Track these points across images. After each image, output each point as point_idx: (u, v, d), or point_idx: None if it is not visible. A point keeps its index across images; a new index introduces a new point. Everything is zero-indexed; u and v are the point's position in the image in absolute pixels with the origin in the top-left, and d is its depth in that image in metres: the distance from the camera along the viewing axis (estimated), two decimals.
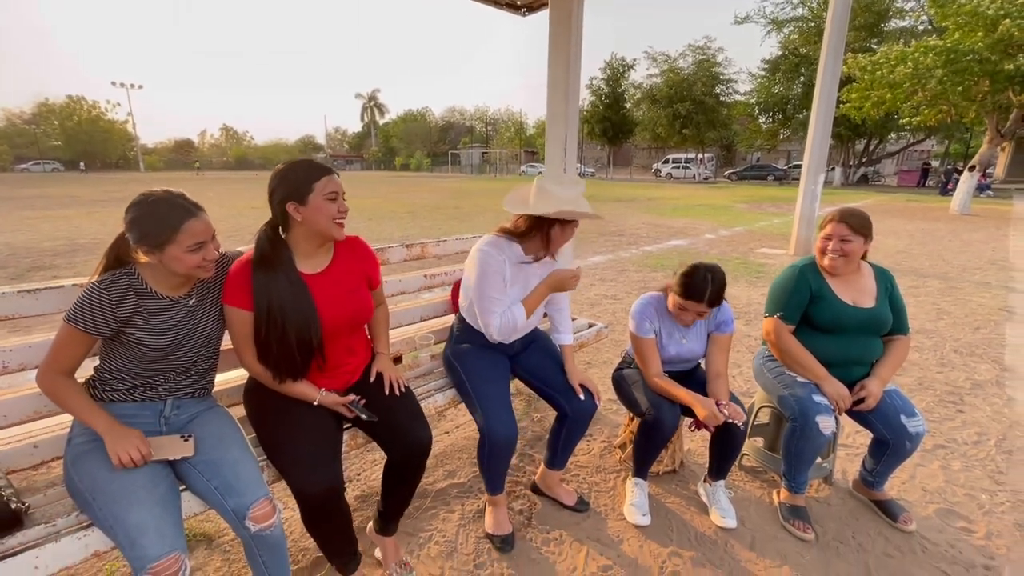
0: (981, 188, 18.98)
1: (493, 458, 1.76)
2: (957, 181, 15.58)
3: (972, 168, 13.95)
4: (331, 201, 1.45)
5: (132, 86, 51.19)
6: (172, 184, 1.37)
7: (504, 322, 1.77)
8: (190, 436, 1.33)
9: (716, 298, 1.81)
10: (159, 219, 1.23)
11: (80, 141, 55.45)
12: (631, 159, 53.24)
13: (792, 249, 7.84)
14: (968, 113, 14.67)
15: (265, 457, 1.45)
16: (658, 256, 7.59)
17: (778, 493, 2.05)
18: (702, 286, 1.79)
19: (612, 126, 40.30)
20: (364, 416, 1.53)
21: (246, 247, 1.53)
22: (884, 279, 1.96)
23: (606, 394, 2.94)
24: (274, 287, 1.42)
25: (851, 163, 31.99)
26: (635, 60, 40.97)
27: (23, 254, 7.28)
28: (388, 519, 1.70)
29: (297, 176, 1.43)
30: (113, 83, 51.96)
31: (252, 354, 1.46)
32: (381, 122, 79.29)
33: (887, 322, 1.92)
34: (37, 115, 56.97)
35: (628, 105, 39.74)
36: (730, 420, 1.76)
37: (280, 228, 1.49)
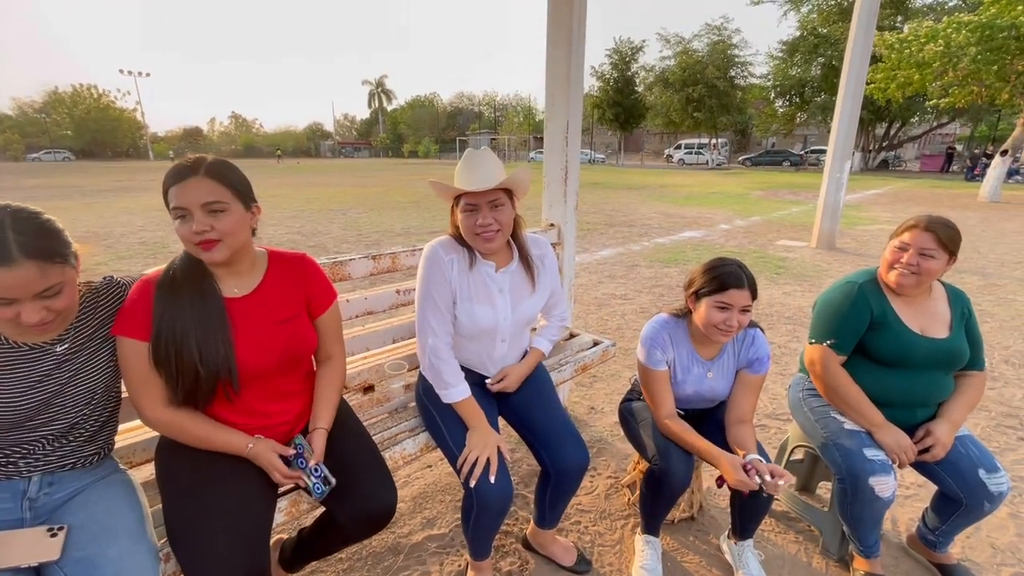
0: (1010, 173, 18.12)
1: (481, 523, 1.44)
2: (985, 166, 14.84)
3: (1004, 152, 13.22)
4: (181, 220, 1.08)
5: (140, 74, 50.99)
6: None
7: (433, 358, 1.50)
8: (60, 529, 1.01)
9: (755, 287, 1.47)
10: None
11: (89, 130, 55.23)
12: (642, 145, 52.19)
13: (814, 242, 7.37)
14: (1002, 94, 13.84)
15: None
16: (671, 249, 7.17)
17: (851, 558, 1.69)
18: (735, 271, 1.45)
19: (623, 111, 39.34)
20: (316, 495, 1.21)
21: (152, 270, 1.19)
22: (959, 303, 1.59)
23: (607, 417, 2.60)
24: (178, 309, 1.11)
25: (871, 147, 30.93)
26: (644, 42, 39.65)
27: None
28: (301, 559, 1.49)
29: (164, 181, 1.09)
30: (121, 71, 51.89)
31: (151, 401, 1.13)
32: (389, 108, 78.38)
33: (963, 357, 1.54)
34: (47, 104, 56.66)
35: (639, 89, 38.73)
36: (764, 492, 1.37)
37: None
